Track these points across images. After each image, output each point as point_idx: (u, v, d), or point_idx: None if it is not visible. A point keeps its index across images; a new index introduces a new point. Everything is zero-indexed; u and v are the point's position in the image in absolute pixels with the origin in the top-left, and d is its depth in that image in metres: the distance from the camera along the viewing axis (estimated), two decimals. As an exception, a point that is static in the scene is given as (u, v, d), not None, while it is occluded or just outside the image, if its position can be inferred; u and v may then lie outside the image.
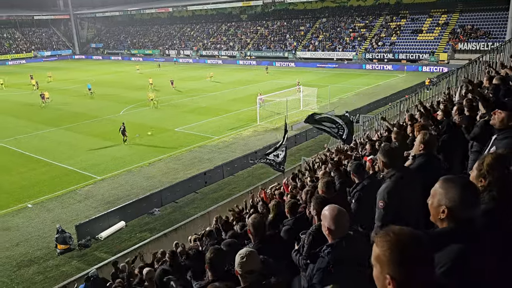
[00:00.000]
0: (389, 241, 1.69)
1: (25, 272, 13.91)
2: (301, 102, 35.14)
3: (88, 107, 39.40)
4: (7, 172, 22.96)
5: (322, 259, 3.20)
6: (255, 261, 3.30)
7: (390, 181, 3.90)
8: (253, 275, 3.22)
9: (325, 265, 3.17)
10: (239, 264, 3.25)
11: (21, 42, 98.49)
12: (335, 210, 3.23)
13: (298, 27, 77.58)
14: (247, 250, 3.39)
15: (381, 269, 1.69)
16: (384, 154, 4.07)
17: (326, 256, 3.17)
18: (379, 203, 3.84)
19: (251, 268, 3.23)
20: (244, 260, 3.24)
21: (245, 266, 3.23)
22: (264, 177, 20.36)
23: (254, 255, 3.33)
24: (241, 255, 3.28)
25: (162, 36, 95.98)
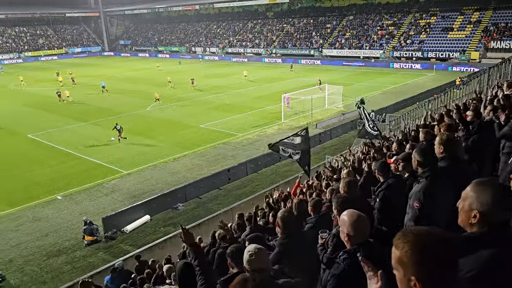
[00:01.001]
0: (408, 241, 1.63)
1: (54, 262, 14.36)
2: (326, 101, 34.84)
3: (116, 103, 40.23)
4: (39, 165, 23.73)
5: (338, 265, 3.12)
6: (264, 258, 3.23)
7: (427, 181, 3.81)
8: (262, 274, 3.07)
9: (340, 271, 3.10)
10: (248, 261, 3.19)
11: (53, 39, 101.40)
12: (354, 216, 3.12)
13: (325, 25, 76.86)
14: (255, 246, 3.29)
15: (404, 271, 1.63)
16: (420, 153, 3.99)
17: (342, 263, 3.08)
18: (415, 204, 3.76)
19: (259, 266, 3.15)
20: (253, 258, 3.17)
21: (254, 263, 3.16)
22: (288, 174, 20.32)
23: (263, 252, 3.26)
24: (250, 252, 3.20)
25: (188, 34, 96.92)
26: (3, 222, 17.22)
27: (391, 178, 5.02)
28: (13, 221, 17.34)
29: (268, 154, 23.02)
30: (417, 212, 3.74)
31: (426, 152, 4.04)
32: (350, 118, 30.01)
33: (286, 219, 4.27)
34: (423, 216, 3.69)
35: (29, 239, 15.86)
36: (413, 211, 3.80)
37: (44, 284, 13.13)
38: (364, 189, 5.81)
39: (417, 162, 4.05)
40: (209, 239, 10.78)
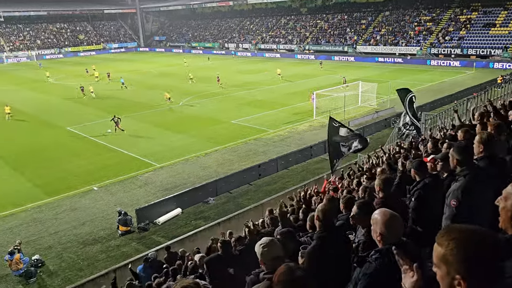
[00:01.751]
0: (454, 238, 1.59)
1: (90, 250, 14.89)
2: (359, 98, 34.28)
3: (150, 97, 41.07)
4: (77, 156, 24.60)
5: (369, 265, 3.06)
6: (277, 248, 3.34)
7: (465, 180, 3.72)
8: (277, 261, 3.20)
9: (372, 271, 3.05)
10: (262, 254, 3.30)
11: (92, 35, 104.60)
12: (387, 215, 3.07)
13: (360, 21, 75.49)
14: (267, 238, 3.42)
15: (447, 269, 1.59)
16: (459, 152, 3.89)
17: (373, 262, 3.04)
18: (452, 202, 3.67)
19: (273, 256, 3.27)
20: (266, 249, 3.28)
21: (268, 254, 3.28)
22: (319, 172, 20.17)
23: (275, 242, 3.37)
24: (262, 244, 3.31)
25: (222, 30, 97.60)
26: (42, 211, 17.99)
27: (428, 177, 4.89)
28: (52, 210, 18.08)
29: (299, 151, 22.96)
30: (454, 210, 3.66)
31: (464, 150, 3.95)
32: (383, 116, 29.42)
33: (327, 212, 4.26)
34: (460, 215, 3.60)
35: (67, 228, 16.50)
36: (450, 210, 3.71)
37: (80, 271, 13.64)
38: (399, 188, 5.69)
39: (456, 161, 3.96)
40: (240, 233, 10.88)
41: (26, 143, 27.75)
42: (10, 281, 13.24)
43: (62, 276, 13.42)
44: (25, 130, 31.26)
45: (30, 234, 16.07)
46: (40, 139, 28.48)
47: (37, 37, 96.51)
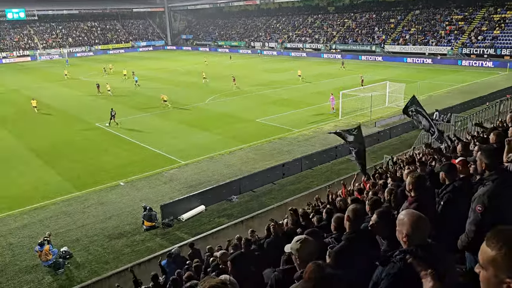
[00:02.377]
0: (505, 241, 1.56)
1: (116, 244, 15.21)
2: (386, 98, 33.70)
3: (176, 95, 41.58)
4: (105, 152, 25.18)
5: (394, 265, 3.00)
6: (313, 245, 3.44)
7: (492, 185, 3.60)
8: (312, 258, 3.30)
9: (395, 271, 2.99)
10: (298, 249, 3.38)
11: (121, 33, 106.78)
12: (414, 216, 3.03)
13: (388, 20, 74.20)
14: (302, 236, 3.53)
15: (495, 271, 1.57)
16: (487, 156, 3.77)
17: (397, 262, 2.97)
18: (477, 207, 3.56)
19: (310, 251, 3.37)
20: (303, 245, 3.38)
21: (304, 250, 3.37)
22: (343, 173, 19.95)
23: (311, 239, 3.48)
24: (299, 241, 3.43)
25: (248, 28, 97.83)
26: (71, 204, 18.50)
27: (458, 180, 4.75)
28: (80, 203, 18.56)
29: (324, 151, 22.77)
30: (479, 216, 3.55)
31: (493, 154, 3.82)
32: (411, 117, 28.76)
33: (358, 213, 4.23)
34: (485, 220, 3.48)
35: (94, 221, 16.91)
36: (475, 215, 3.60)
37: (106, 264, 13.95)
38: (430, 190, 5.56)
39: (484, 165, 3.83)
40: (263, 232, 10.88)
41: (56, 137, 28.60)
42: (40, 271, 13.67)
43: (88, 268, 13.77)
44: (56, 125, 32.21)
45: (59, 226, 16.55)
46: (70, 134, 29.30)
47: (69, 35, 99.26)
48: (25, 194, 19.50)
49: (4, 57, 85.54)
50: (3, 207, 18.33)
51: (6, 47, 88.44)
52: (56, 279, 13.30)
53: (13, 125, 32.43)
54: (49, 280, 13.25)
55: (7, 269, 13.80)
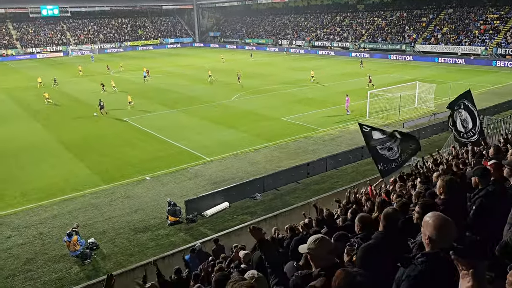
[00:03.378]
0: None
1: (141, 237, 15.48)
2: (416, 99, 32.94)
3: (203, 92, 41.97)
4: (132, 147, 25.66)
5: (415, 267, 2.96)
6: (329, 244, 3.47)
7: None
8: (328, 257, 3.37)
9: (416, 274, 2.92)
10: (314, 249, 3.40)
11: (150, 30, 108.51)
12: (439, 218, 2.96)
13: (420, 18, 72.49)
14: (319, 235, 3.57)
15: None
16: None
17: (419, 265, 2.92)
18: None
19: (327, 251, 3.40)
20: (319, 245, 3.40)
21: (321, 250, 3.39)
22: (369, 174, 19.60)
23: (326, 239, 3.52)
24: (315, 240, 3.45)
25: (276, 26, 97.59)
26: (99, 197, 18.94)
27: (491, 185, 4.57)
28: (107, 196, 18.98)
29: (350, 151, 22.47)
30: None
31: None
32: (441, 119, 28.02)
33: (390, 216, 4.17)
34: None
35: (120, 214, 17.26)
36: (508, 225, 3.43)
37: (131, 256, 14.22)
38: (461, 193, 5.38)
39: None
40: (285, 231, 10.83)
41: (86, 131, 29.33)
42: (68, 261, 14.06)
43: (114, 260, 14.07)
44: (85, 119, 33.03)
45: (87, 218, 16.98)
46: (99, 129, 30.00)
47: (100, 31, 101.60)
48: (56, 186, 20.09)
49: (38, 52, 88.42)
50: (35, 197, 18.95)
51: (41, 43, 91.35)
52: (83, 269, 13.65)
53: (45, 119, 33.47)
54: (76, 270, 13.62)
55: (38, 258, 14.26)
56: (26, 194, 19.36)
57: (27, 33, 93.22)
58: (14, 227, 16.43)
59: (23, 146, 26.44)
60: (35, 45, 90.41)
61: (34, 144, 26.70)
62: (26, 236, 15.73)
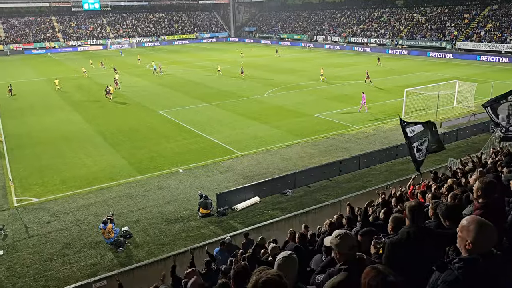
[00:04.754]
0: None
1: (172, 228, 15.81)
2: (455, 98, 31.83)
3: (236, 87, 42.21)
4: (166, 139, 26.18)
5: (451, 272, 2.86)
6: (352, 239, 3.51)
7: None
8: (352, 252, 3.40)
9: (452, 279, 2.82)
10: (338, 244, 3.45)
11: (187, 25, 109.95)
12: (480, 222, 2.85)
13: (462, 15, 69.81)
14: (341, 230, 3.61)
15: None
16: None
17: (456, 270, 2.82)
18: None
19: (350, 245, 3.44)
20: (342, 240, 3.45)
21: (344, 245, 3.43)
22: (403, 174, 19.19)
23: (349, 234, 3.56)
24: (338, 236, 3.50)
25: (311, 22, 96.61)
26: (133, 187, 19.47)
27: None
28: (141, 187, 19.48)
29: (384, 150, 22.04)
30: None
31: None
32: (482, 119, 26.98)
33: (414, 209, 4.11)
34: None
35: (153, 204, 17.69)
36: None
37: (163, 246, 14.56)
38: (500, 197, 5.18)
39: None
40: (315, 227, 10.78)
41: (122, 123, 30.17)
42: (102, 248, 14.57)
43: (146, 249, 14.45)
44: (122, 110, 33.97)
45: (121, 207, 17.50)
46: (134, 120, 30.78)
47: (138, 25, 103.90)
48: (93, 175, 20.81)
49: (79, 45, 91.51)
50: (74, 185, 19.71)
51: (81, 36, 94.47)
52: (117, 256, 14.10)
53: (84, 110, 34.67)
54: (110, 257, 14.08)
55: (74, 243, 14.85)
56: (65, 181, 20.16)
57: (69, 26, 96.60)
58: (53, 212, 17.17)
59: (64, 135, 27.52)
60: (77, 38, 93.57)
61: (73, 134, 27.73)
62: (64, 222, 16.40)
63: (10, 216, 16.97)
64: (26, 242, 14.97)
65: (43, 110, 34.94)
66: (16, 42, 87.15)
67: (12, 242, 15.01)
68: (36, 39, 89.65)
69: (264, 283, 2.29)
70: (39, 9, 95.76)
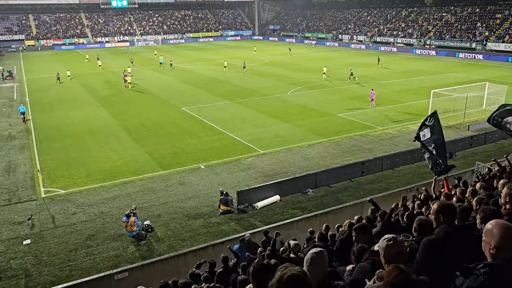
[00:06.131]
0: None
1: (193, 223, 15.98)
2: (484, 100, 30.96)
3: (260, 85, 42.23)
4: (189, 136, 26.45)
5: (476, 278, 2.79)
6: (401, 244, 3.45)
7: None
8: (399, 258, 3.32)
9: (477, 285, 2.75)
10: (385, 248, 3.39)
11: (211, 22, 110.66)
12: (505, 226, 2.80)
13: (494, 15, 67.74)
14: (391, 235, 3.57)
15: None
16: None
17: (481, 276, 2.75)
18: None
19: (398, 251, 3.36)
20: (391, 244, 3.39)
21: (392, 249, 3.37)
22: (427, 176, 18.76)
23: (399, 239, 3.52)
24: (387, 239, 3.46)
25: (337, 20, 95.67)
26: (156, 182, 19.77)
27: None
28: (164, 182, 19.76)
29: (408, 151, 21.65)
30: None
31: None
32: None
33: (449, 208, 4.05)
34: None
35: (175, 200, 17.91)
36: None
37: (183, 241, 14.74)
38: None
39: None
40: (334, 228, 10.69)
41: (147, 118, 30.65)
42: (125, 240, 14.86)
43: (167, 243, 14.66)
44: (146, 106, 34.50)
45: (144, 201, 17.81)
46: (158, 116, 31.22)
47: (164, 22, 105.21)
48: (117, 169, 21.24)
49: (107, 41, 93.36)
50: (98, 178, 20.17)
51: (109, 33, 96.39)
52: (139, 249, 14.36)
53: (110, 105, 35.38)
54: (132, 250, 14.35)
55: (98, 235, 15.20)
56: (90, 174, 20.65)
57: (98, 23, 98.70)
58: (79, 204, 17.62)
59: (90, 129, 28.18)
60: (104, 34, 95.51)
61: (99, 128, 28.36)
62: (89, 214, 16.80)
63: (38, 206, 17.51)
64: (52, 232, 15.42)
65: (71, 104, 35.85)
66: (47, 38, 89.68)
67: (39, 231, 15.48)
68: (65, 35, 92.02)
69: (290, 278, 2.31)
70: (69, 5, 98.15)
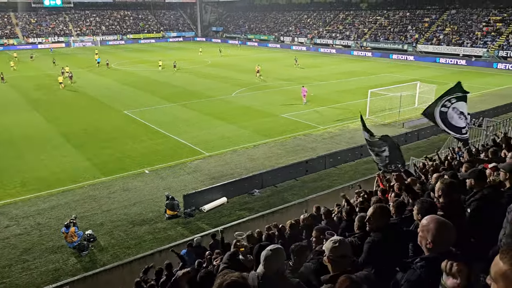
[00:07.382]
0: None
1: (138, 230, 15.53)
2: (416, 99, 32.95)
3: (204, 87, 41.93)
4: (132, 140, 25.67)
5: (413, 271, 2.95)
6: (347, 246, 3.45)
7: None
8: (345, 260, 3.34)
9: (415, 278, 2.92)
10: (331, 250, 3.39)
11: (153, 23, 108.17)
12: (440, 222, 2.94)
13: (422, 18, 72.36)
14: (338, 237, 3.57)
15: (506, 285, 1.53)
16: None
17: (418, 269, 2.91)
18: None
19: (343, 253, 3.37)
20: (337, 246, 3.38)
21: (338, 251, 3.37)
22: (368, 173, 19.66)
23: (345, 242, 3.50)
24: (333, 241, 3.44)
25: (278, 23, 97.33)
26: (97, 189, 18.98)
27: (487, 188, 4.61)
28: (106, 188, 19.02)
29: (349, 149, 22.51)
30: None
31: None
32: (441, 119, 28.04)
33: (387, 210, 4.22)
34: None
35: (118, 207, 17.30)
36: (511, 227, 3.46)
37: (128, 249, 14.27)
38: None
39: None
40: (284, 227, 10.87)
41: (86, 123, 29.32)
42: (65, 252, 14.12)
43: (111, 252, 14.12)
44: (86, 110, 33.02)
45: (85, 210, 17.02)
46: (99, 121, 29.99)
47: (102, 23, 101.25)
48: (54, 177, 20.12)
49: (40, 42, 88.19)
50: (33, 188, 18.98)
51: (42, 33, 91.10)
52: (80, 261, 13.71)
53: (45, 109, 33.45)
54: (73, 261, 13.67)
55: (34, 248, 14.31)
56: (25, 184, 19.39)
57: (29, 23, 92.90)
58: (12, 217, 16.48)
59: (23, 135, 26.46)
60: (37, 35, 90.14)
61: (33, 134, 26.70)
62: (24, 226, 15.77)
63: (-35, 221, 16.17)
64: (-18, 248, 14.30)
65: (1, 109, 33.44)
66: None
67: (-33, 248, 14.31)
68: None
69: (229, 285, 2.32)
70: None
